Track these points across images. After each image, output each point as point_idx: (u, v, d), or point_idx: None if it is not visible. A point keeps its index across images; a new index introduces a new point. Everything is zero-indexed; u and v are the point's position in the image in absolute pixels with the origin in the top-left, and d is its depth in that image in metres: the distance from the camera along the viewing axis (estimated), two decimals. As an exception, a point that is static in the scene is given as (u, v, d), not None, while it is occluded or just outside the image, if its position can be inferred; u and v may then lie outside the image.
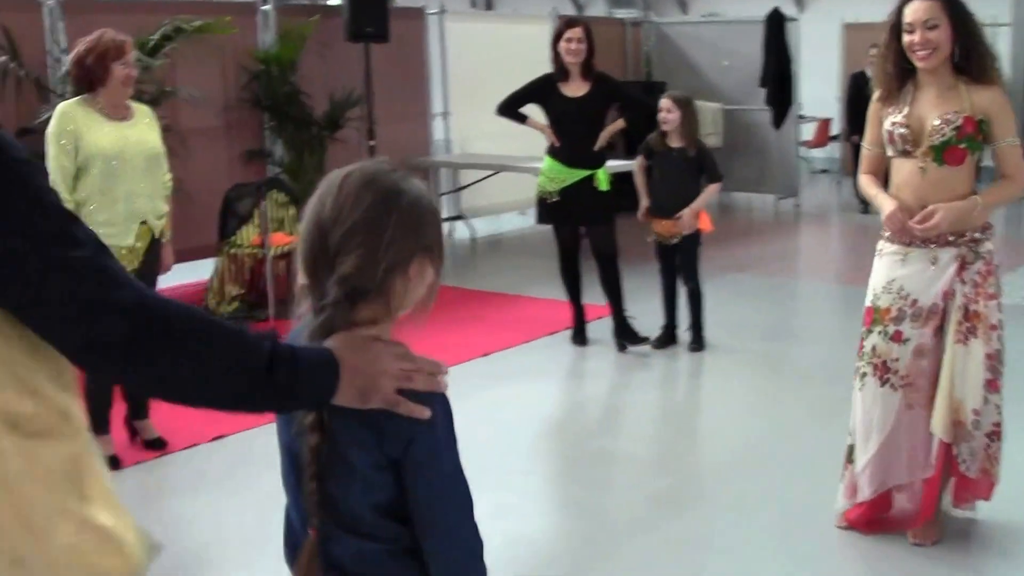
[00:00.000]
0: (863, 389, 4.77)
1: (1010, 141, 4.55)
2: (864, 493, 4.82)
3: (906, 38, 4.50)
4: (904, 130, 4.56)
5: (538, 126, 8.13)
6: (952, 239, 4.56)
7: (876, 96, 4.73)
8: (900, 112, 4.60)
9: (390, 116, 11.97)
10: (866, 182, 4.84)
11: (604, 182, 7.92)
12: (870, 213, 14.40)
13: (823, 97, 17.70)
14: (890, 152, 4.69)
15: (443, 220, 12.47)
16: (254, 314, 8.72)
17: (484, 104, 12.81)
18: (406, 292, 2.13)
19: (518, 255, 12.28)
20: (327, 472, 2.08)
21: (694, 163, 7.70)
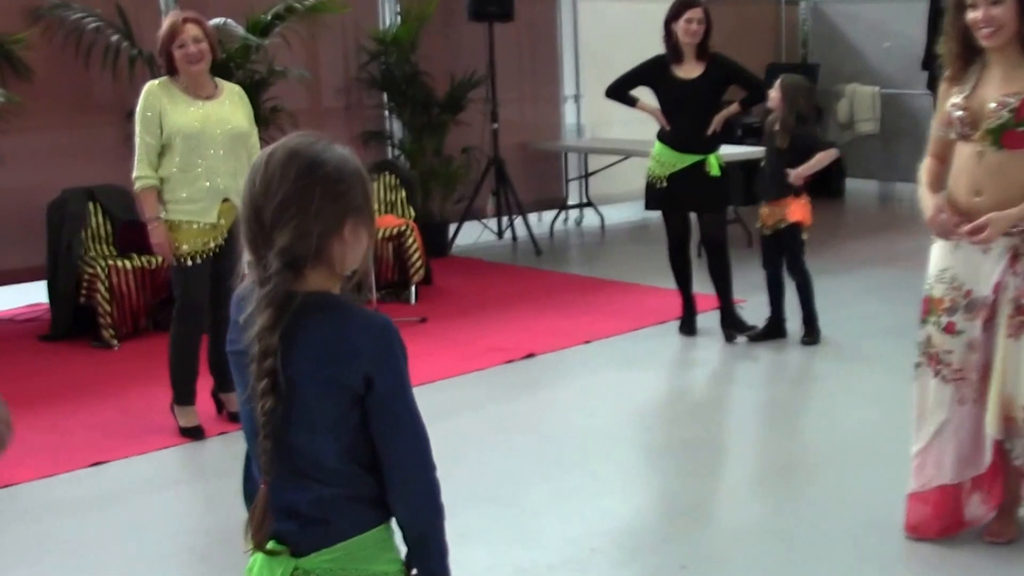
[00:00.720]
0: (918, 380, 4.57)
1: None
2: (911, 485, 4.61)
3: (969, 14, 4.19)
4: (962, 112, 4.28)
5: (648, 109, 7.90)
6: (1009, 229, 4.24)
7: (945, 75, 4.44)
8: (962, 94, 4.31)
9: (517, 98, 11.92)
10: (923, 171, 4.54)
11: (715, 167, 7.67)
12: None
13: None
14: (952, 135, 4.39)
15: (569, 207, 12.46)
16: (358, 296, 8.64)
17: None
18: (345, 254, 2.26)
19: (644, 243, 12.07)
20: (287, 425, 2.20)
21: (787, 154, 7.37)
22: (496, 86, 11.08)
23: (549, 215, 12.46)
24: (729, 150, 9.23)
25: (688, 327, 7.99)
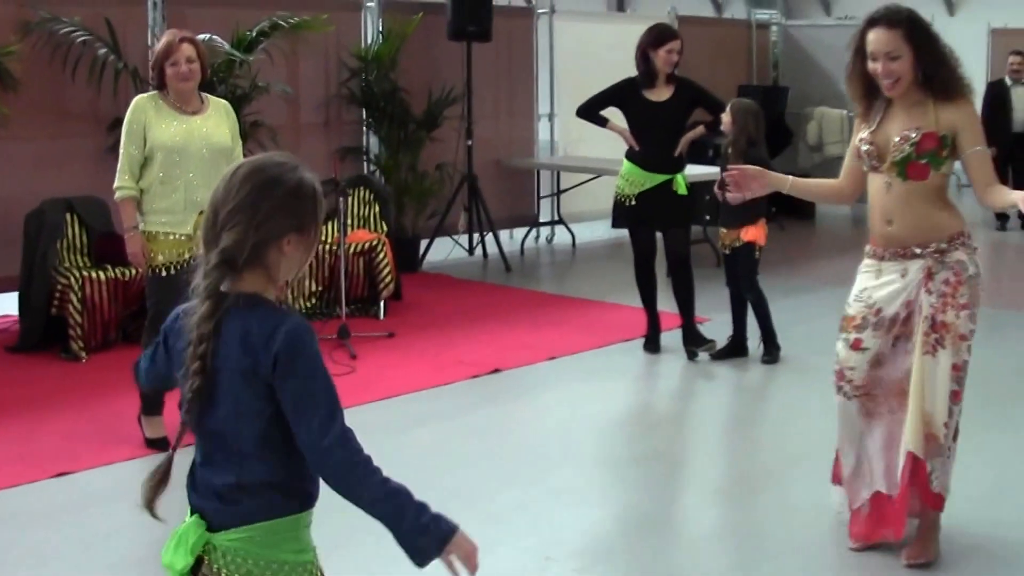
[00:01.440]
0: (836, 396, 4.83)
1: (979, 149, 4.57)
2: (856, 502, 4.85)
3: (870, 65, 4.56)
4: (869, 147, 4.63)
5: (618, 129, 8.13)
6: (919, 251, 4.58)
7: (857, 112, 4.79)
8: (869, 129, 4.66)
9: (492, 116, 12.10)
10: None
11: (682, 186, 7.91)
12: (1007, 230, 14.14)
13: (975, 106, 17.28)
14: (863, 167, 4.74)
15: (540, 224, 12.66)
16: (329, 312, 8.83)
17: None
18: (280, 264, 2.53)
19: (614, 261, 12.27)
20: (212, 411, 2.51)
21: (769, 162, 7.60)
22: (472, 104, 11.29)
23: (520, 232, 12.66)
24: (699, 170, 9.48)
25: (652, 345, 8.19)
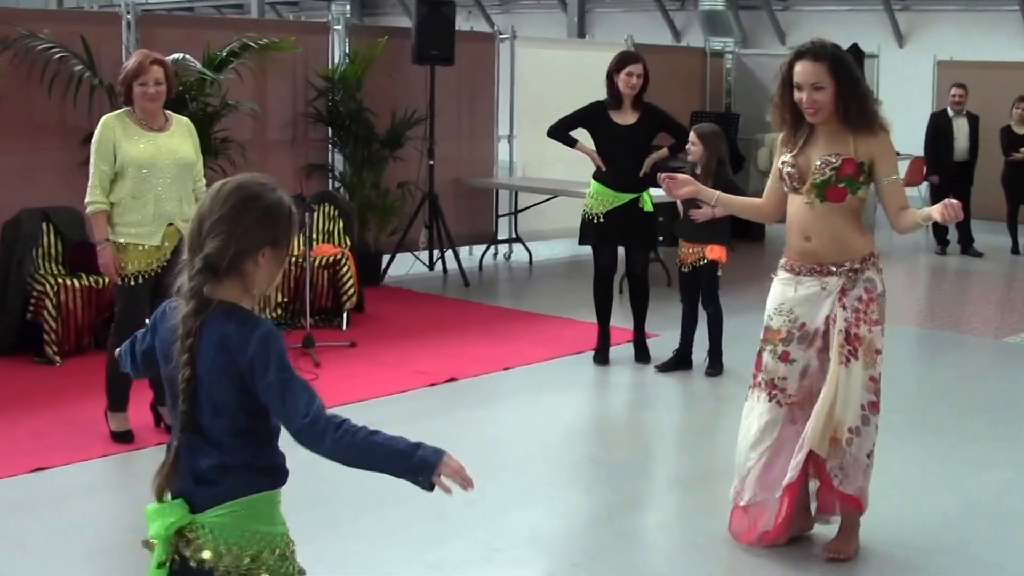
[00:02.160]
0: (750, 400, 5.20)
1: (893, 178, 4.99)
2: (745, 498, 5.21)
3: (796, 94, 4.93)
4: (791, 169, 5.00)
5: (586, 150, 8.59)
6: (834, 269, 4.97)
7: (780, 138, 5.17)
8: (791, 153, 5.03)
9: (453, 136, 12.48)
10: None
11: (648, 203, 8.37)
12: (947, 254, 14.60)
13: (919, 134, 17.64)
14: (784, 188, 5.11)
15: (499, 241, 13.04)
16: (294, 322, 9.17)
17: (550, 129, 13.30)
18: (255, 274, 2.85)
19: (569, 279, 12.69)
20: (196, 405, 2.81)
21: (726, 186, 7.96)
22: (434, 125, 11.67)
23: (479, 249, 13.04)
24: (658, 192, 9.89)
25: (602, 357, 8.60)
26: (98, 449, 6.39)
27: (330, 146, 11.39)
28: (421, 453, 2.80)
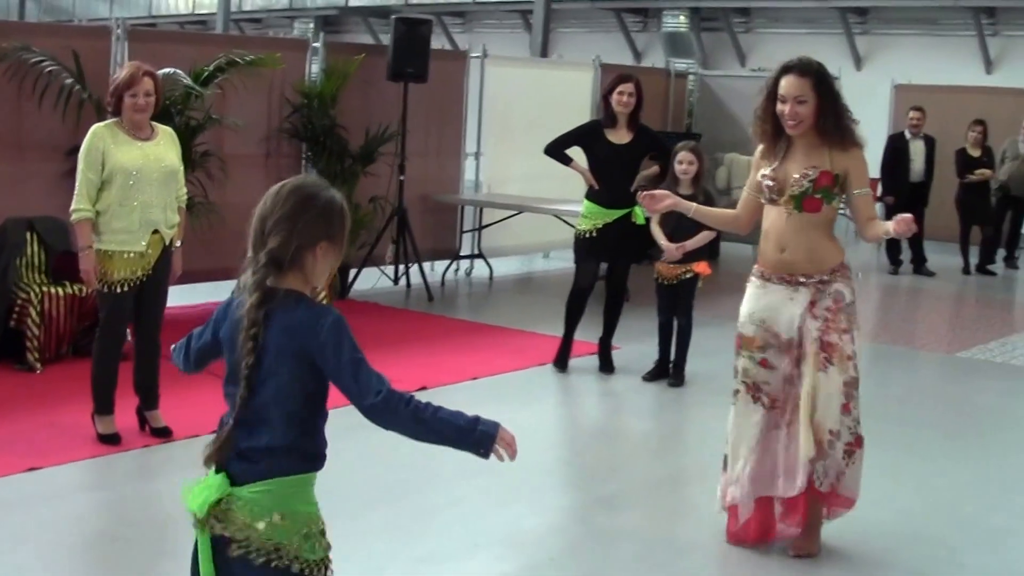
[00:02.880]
0: (736, 405, 5.47)
1: (864, 191, 5.30)
2: (735, 497, 5.48)
3: (779, 106, 5.22)
4: (771, 182, 5.30)
5: (580, 169, 8.94)
6: (804, 280, 5.28)
7: (759, 150, 5.45)
8: (771, 166, 5.32)
9: (423, 153, 12.71)
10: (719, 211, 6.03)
11: (640, 217, 8.65)
12: (899, 274, 14.97)
13: (875, 156, 17.95)
14: (762, 199, 5.40)
15: (461, 257, 13.30)
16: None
17: (515, 147, 13.62)
18: (315, 267, 3.09)
19: (528, 294, 13.04)
20: (258, 385, 3.02)
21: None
22: (406, 141, 11.91)
23: (440, 264, 13.27)
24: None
25: (562, 364, 8.93)
26: (87, 451, 6.58)
27: (304, 161, 11.57)
28: (481, 427, 3.07)
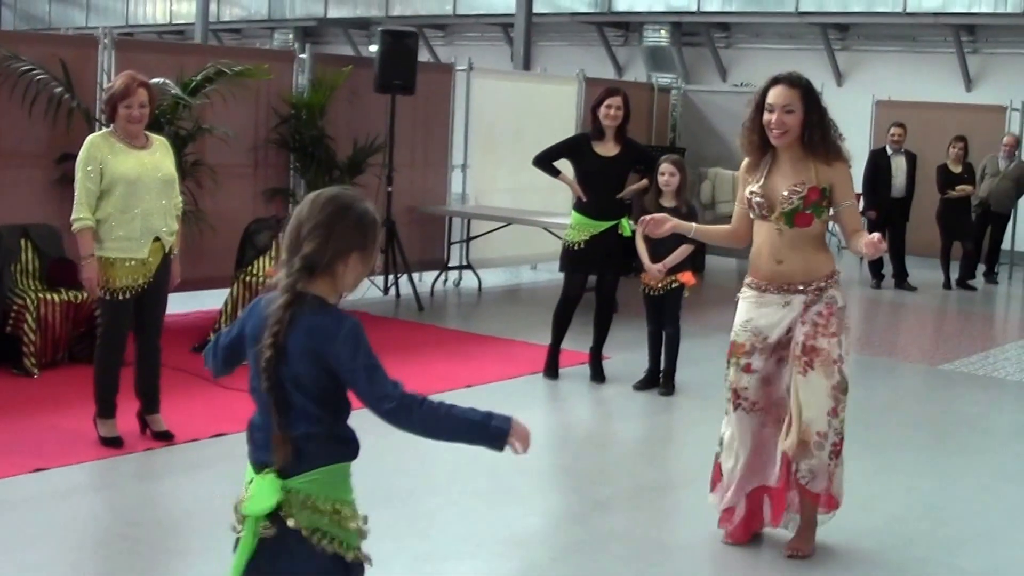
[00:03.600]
0: (728, 412, 5.59)
1: (849, 203, 5.41)
2: (731, 500, 5.61)
3: (766, 116, 5.33)
4: (760, 199, 5.40)
5: (568, 181, 9.06)
6: (801, 288, 5.38)
7: (745, 163, 5.56)
8: (757, 182, 5.42)
9: (411, 165, 12.83)
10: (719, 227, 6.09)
11: (627, 229, 8.77)
12: (881, 288, 15.12)
13: (857, 172, 18.03)
14: (752, 215, 5.50)
15: (449, 268, 13.40)
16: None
17: (501, 159, 13.74)
18: (345, 275, 3.18)
19: (516, 304, 13.15)
20: (284, 380, 3.12)
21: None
22: (394, 152, 12.02)
23: (429, 275, 13.37)
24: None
25: (552, 371, 9.05)
26: (90, 453, 6.65)
27: (292, 171, 11.66)
28: (495, 423, 3.20)
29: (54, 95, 9.22)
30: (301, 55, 11.89)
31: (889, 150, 15.26)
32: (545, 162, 9.08)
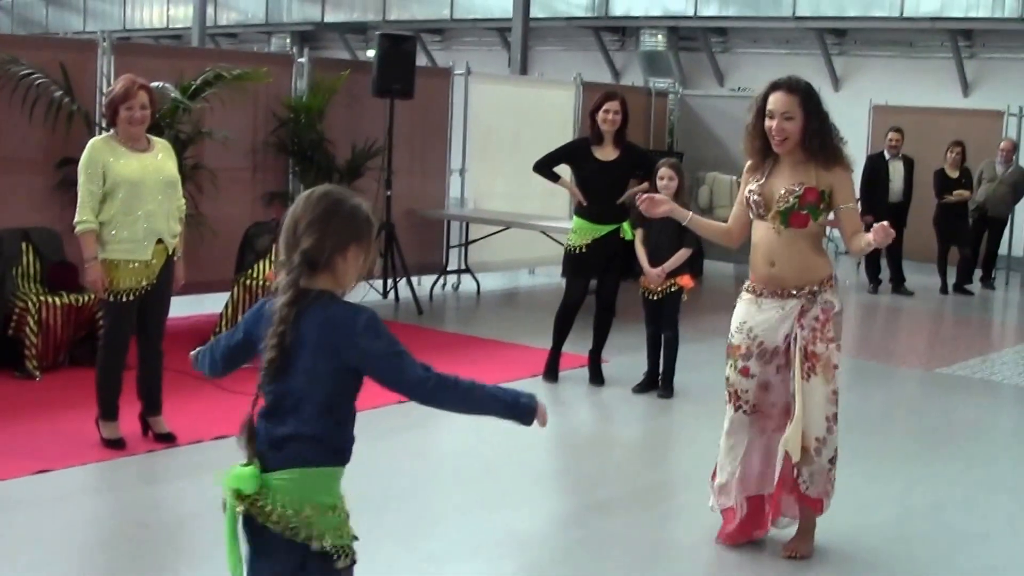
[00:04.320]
0: (728, 413, 5.63)
1: (850, 206, 5.44)
2: (728, 502, 5.66)
3: (767, 122, 5.36)
4: (757, 197, 5.44)
5: (568, 186, 9.16)
6: (795, 292, 5.40)
7: (747, 166, 5.60)
8: (758, 182, 5.47)
9: (409, 169, 12.86)
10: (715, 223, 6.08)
11: (629, 232, 8.81)
12: (879, 293, 15.16)
13: (855, 177, 18.05)
14: (750, 215, 5.55)
15: (448, 272, 13.45)
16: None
17: (499, 163, 13.79)
18: (345, 269, 3.22)
19: (515, 308, 13.19)
20: (290, 374, 3.16)
21: (680, 227, 8.42)
22: (392, 156, 12.06)
23: (428, 279, 13.41)
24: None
25: (552, 375, 9.10)
26: (93, 455, 6.69)
27: (291, 175, 11.70)
28: (524, 400, 3.28)
29: (54, 99, 9.27)
30: (300, 59, 11.92)
31: (887, 155, 15.31)
32: (545, 168, 9.14)
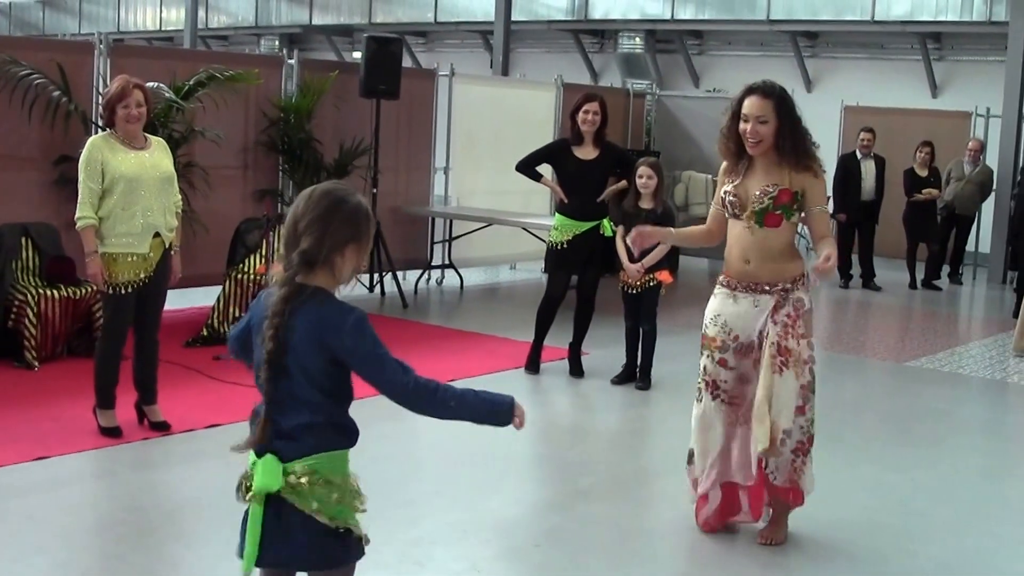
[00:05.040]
0: (700, 401, 5.83)
1: (821, 208, 5.64)
2: (704, 488, 5.88)
3: (741, 125, 5.56)
4: (733, 198, 5.66)
5: (550, 185, 9.49)
6: (768, 288, 5.61)
7: (722, 167, 5.82)
8: (733, 183, 5.69)
9: (395, 167, 13.16)
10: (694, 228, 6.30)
11: (608, 229, 9.12)
12: (849, 288, 15.48)
13: (828, 176, 18.21)
14: (726, 214, 5.76)
15: (432, 267, 13.73)
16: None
17: (481, 162, 14.08)
18: (343, 267, 3.31)
19: (497, 302, 13.49)
20: (288, 369, 3.25)
21: (660, 222, 8.65)
22: (378, 155, 12.34)
23: (413, 274, 13.72)
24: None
25: (534, 366, 9.40)
26: (90, 442, 6.93)
27: (280, 173, 11.94)
28: (502, 409, 3.51)
29: (52, 99, 9.50)
30: (289, 61, 12.19)
31: (859, 154, 15.62)
32: (527, 167, 9.42)
